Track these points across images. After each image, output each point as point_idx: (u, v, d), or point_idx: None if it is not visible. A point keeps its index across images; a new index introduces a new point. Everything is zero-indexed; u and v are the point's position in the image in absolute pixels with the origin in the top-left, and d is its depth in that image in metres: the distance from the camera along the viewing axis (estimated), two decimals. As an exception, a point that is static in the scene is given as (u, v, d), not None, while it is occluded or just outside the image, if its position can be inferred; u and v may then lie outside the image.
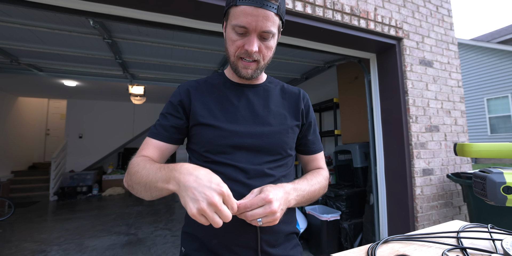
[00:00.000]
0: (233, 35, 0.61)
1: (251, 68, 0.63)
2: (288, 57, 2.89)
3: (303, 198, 0.64)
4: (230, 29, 0.61)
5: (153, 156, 0.66)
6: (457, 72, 2.26)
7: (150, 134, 0.68)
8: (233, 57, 0.63)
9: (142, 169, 0.56)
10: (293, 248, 0.69)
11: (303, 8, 1.53)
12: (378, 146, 2.08)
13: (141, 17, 1.43)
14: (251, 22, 0.57)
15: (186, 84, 0.72)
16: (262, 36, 0.60)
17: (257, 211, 0.50)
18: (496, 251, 0.58)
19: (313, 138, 0.80)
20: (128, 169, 0.62)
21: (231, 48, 0.62)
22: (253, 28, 0.57)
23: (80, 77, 3.58)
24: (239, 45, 0.61)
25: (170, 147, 0.69)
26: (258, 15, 0.56)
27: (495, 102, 8.15)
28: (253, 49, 0.59)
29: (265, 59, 0.64)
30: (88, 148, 6.15)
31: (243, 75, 0.65)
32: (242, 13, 0.57)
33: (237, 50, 0.61)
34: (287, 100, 0.75)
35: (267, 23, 0.58)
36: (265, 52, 0.62)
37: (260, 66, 0.64)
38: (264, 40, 0.61)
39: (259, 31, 0.58)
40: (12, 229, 3.32)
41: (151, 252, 2.54)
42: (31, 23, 2.08)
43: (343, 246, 2.41)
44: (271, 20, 0.58)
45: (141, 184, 0.56)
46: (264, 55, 0.63)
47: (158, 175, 0.52)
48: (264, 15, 0.57)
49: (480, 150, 0.78)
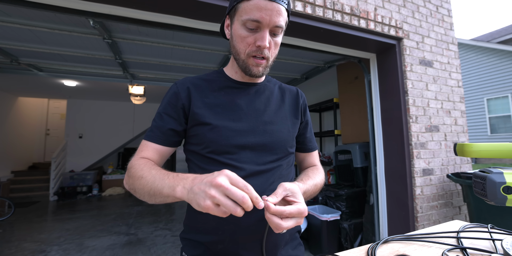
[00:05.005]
0: (243, 31, 0.59)
1: (262, 65, 0.62)
2: (288, 57, 2.89)
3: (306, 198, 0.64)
4: (240, 25, 0.59)
5: (153, 159, 0.64)
6: (457, 72, 2.26)
7: (147, 137, 0.66)
8: (243, 55, 0.61)
9: (148, 174, 0.55)
10: (296, 248, 0.69)
11: (303, 8, 1.52)
12: (378, 146, 2.08)
13: (141, 17, 1.43)
14: (265, 16, 0.55)
15: (185, 82, 0.69)
16: (273, 31, 0.59)
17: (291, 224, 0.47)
18: (496, 251, 0.58)
19: (310, 136, 0.80)
20: (130, 172, 0.59)
21: (241, 46, 0.60)
22: (267, 22, 0.56)
23: (80, 77, 3.58)
24: (250, 42, 0.59)
25: (168, 149, 0.67)
26: (273, 9, 0.56)
27: (495, 102, 8.15)
28: (266, 44, 0.57)
29: (272, 56, 0.63)
30: (88, 148, 6.15)
31: (254, 73, 0.62)
32: (255, 7, 0.55)
33: (248, 47, 0.60)
34: (287, 99, 0.75)
35: (280, 18, 0.57)
36: (273, 49, 0.62)
37: (269, 64, 0.63)
38: (274, 36, 0.60)
39: (272, 26, 0.57)
40: (12, 229, 3.31)
41: (151, 252, 2.54)
42: (31, 23, 2.07)
43: (343, 246, 2.41)
44: (283, 15, 0.58)
45: (145, 190, 0.54)
46: (272, 52, 0.62)
47: (166, 181, 0.50)
48: (278, 10, 0.56)
49: (480, 150, 0.78)
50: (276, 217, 0.46)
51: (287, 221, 0.46)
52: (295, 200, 0.50)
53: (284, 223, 0.46)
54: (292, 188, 0.52)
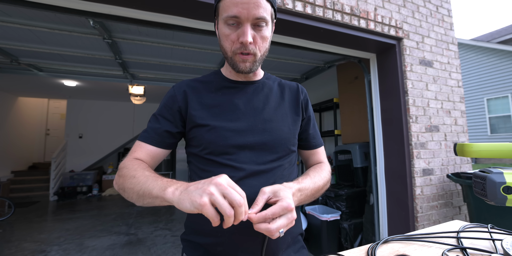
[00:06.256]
0: (226, 29, 0.59)
1: (248, 61, 0.61)
2: (288, 57, 2.89)
3: (306, 196, 0.62)
4: (222, 24, 0.59)
5: (146, 160, 0.64)
6: (457, 72, 2.26)
7: (141, 138, 0.65)
8: (229, 53, 0.61)
9: (141, 174, 0.54)
10: (298, 251, 0.68)
11: (303, 8, 1.52)
12: (378, 146, 2.08)
13: (141, 17, 1.43)
14: (242, 10, 0.55)
15: (182, 85, 0.69)
16: (256, 23, 0.58)
17: (281, 223, 0.46)
18: (496, 251, 0.58)
19: (313, 132, 0.78)
20: (121, 171, 0.58)
21: (226, 44, 0.61)
22: (245, 16, 0.56)
23: (80, 77, 3.58)
24: (233, 39, 0.59)
25: (162, 151, 0.66)
26: (249, 2, 0.55)
27: (495, 102, 8.15)
28: (248, 39, 0.57)
29: (261, 51, 0.62)
30: (88, 148, 6.15)
31: (241, 69, 0.62)
32: (231, 3, 0.56)
33: (233, 45, 0.60)
34: (286, 95, 0.74)
35: (259, 10, 0.56)
36: (260, 43, 0.60)
37: (257, 58, 0.62)
38: (259, 29, 0.59)
39: (252, 18, 0.57)
40: (12, 229, 3.31)
41: (151, 252, 2.54)
42: (31, 23, 2.07)
43: (343, 246, 2.41)
44: (262, 6, 0.57)
45: (135, 189, 0.53)
46: (260, 46, 0.61)
47: (158, 182, 0.50)
48: (255, 1, 0.56)
49: (480, 150, 0.78)
50: (263, 223, 0.45)
51: (276, 222, 0.46)
52: (277, 198, 0.49)
53: (273, 225, 0.45)
54: (272, 189, 0.51)
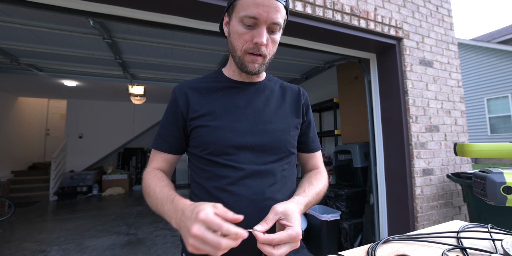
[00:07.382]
0: (240, 28, 0.58)
1: (258, 62, 0.61)
2: (288, 57, 2.89)
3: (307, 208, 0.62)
4: (237, 21, 0.59)
5: (162, 167, 0.69)
6: (457, 72, 2.26)
7: (153, 145, 0.70)
8: (239, 51, 0.61)
9: (153, 194, 0.59)
10: (298, 252, 0.68)
11: (303, 8, 1.52)
12: (378, 146, 2.08)
13: (141, 17, 1.43)
14: (262, 13, 0.55)
15: (183, 86, 0.69)
16: (271, 28, 0.59)
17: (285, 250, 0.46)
18: (496, 251, 0.58)
19: (313, 136, 0.78)
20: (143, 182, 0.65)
21: (238, 42, 0.60)
22: (264, 19, 0.56)
23: (80, 77, 3.59)
24: (247, 39, 0.59)
25: (174, 157, 0.70)
26: (270, 5, 0.56)
27: (495, 102, 8.15)
28: (263, 41, 0.57)
29: (270, 54, 0.63)
30: (88, 148, 6.15)
31: (250, 70, 0.62)
32: (252, 4, 0.56)
33: (245, 44, 0.59)
34: (288, 98, 0.74)
35: (277, 15, 0.57)
36: (271, 46, 0.61)
37: (266, 61, 0.63)
38: (272, 34, 0.60)
39: (269, 22, 0.57)
40: (12, 229, 3.31)
41: (151, 252, 2.54)
42: (31, 23, 2.08)
43: (343, 246, 2.41)
44: (280, 12, 0.58)
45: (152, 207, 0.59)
46: (270, 50, 0.62)
47: (165, 209, 0.53)
48: (275, 6, 0.56)
49: (480, 150, 0.78)
50: (267, 245, 0.45)
51: (280, 249, 0.46)
52: (288, 223, 0.49)
53: (276, 251, 0.45)
54: (284, 210, 0.50)
